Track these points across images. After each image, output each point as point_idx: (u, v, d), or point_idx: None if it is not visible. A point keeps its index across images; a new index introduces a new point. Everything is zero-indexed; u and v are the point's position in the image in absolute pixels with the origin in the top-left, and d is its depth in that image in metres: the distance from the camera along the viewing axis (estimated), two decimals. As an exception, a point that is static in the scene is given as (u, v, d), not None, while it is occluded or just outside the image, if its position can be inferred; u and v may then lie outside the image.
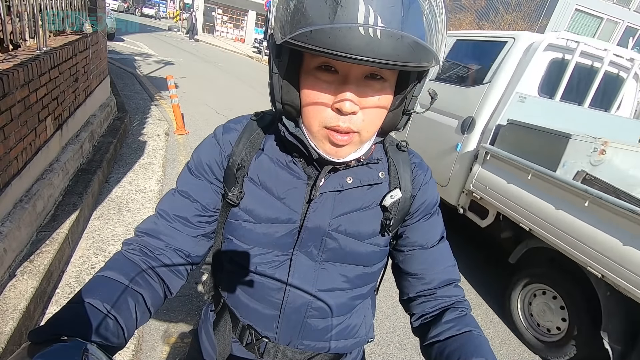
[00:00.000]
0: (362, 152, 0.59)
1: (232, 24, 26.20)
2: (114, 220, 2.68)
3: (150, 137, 4.47)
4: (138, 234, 0.65)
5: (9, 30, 2.22)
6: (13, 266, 1.80)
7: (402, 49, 0.43)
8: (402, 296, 0.74)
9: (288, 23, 0.46)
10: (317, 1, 0.43)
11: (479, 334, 0.62)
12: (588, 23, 17.62)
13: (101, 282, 0.54)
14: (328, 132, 0.54)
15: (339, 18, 0.42)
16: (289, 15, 0.46)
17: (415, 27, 0.44)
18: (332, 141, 0.54)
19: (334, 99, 0.51)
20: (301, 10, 0.44)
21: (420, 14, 0.45)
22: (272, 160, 0.64)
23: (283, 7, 0.47)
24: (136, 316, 0.54)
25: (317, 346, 0.71)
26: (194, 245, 0.67)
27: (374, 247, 0.67)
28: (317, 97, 0.52)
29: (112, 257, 0.61)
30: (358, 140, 0.55)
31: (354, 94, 0.50)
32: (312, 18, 0.43)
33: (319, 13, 0.43)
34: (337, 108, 0.51)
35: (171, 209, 0.66)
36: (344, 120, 0.52)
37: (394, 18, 0.42)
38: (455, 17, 20.57)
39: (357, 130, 0.53)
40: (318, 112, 0.53)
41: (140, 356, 1.76)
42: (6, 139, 1.83)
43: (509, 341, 2.49)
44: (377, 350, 2.16)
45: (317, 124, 0.54)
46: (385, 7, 0.42)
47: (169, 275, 0.63)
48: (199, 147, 0.69)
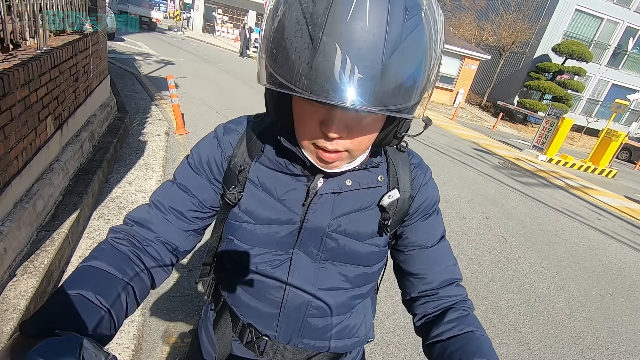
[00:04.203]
0: (355, 164, 0.60)
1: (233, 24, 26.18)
2: (114, 220, 2.68)
3: (150, 137, 4.47)
4: (128, 222, 0.65)
5: (9, 30, 2.22)
6: (13, 266, 1.80)
7: (380, 98, 0.44)
8: (405, 296, 0.74)
9: (270, 59, 0.47)
10: (296, 44, 0.43)
11: (481, 334, 0.62)
12: (588, 23, 17.61)
13: (91, 273, 0.54)
14: (317, 149, 0.55)
15: (315, 67, 0.42)
16: (271, 48, 0.46)
17: (395, 77, 0.44)
18: (320, 157, 0.55)
19: (321, 123, 0.51)
20: (281, 49, 0.45)
21: (405, 58, 0.44)
22: (271, 162, 0.64)
23: (267, 36, 0.48)
24: (126, 307, 0.54)
25: (317, 345, 0.71)
26: (184, 240, 0.67)
27: (373, 248, 0.67)
28: (305, 118, 0.53)
29: (99, 246, 0.60)
30: (347, 157, 0.56)
31: (339, 121, 0.50)
32: (291, 62, 0.44)
33: (297, 58, 0.43)
34: (323, 132, 0.51)
35: (167, 200, 0.66)
36: (331, 143, 0.52)
37: (372, 68, 0.42)
38: (456, 17, 20.58)
39: (345, 149, 0.54)
40: (307, 131, 0.54)
41: (140, 356, 1.76)
42: (6, 138, 1.83)
43: (508, 341, 2.49)
44: (377, 350, 2.16)
45: (307, 139, 0.55)
46: (365, 58, 0.42)
47: (155, 267, 0.63)
48: (199, 144, 0.69)
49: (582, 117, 18.55)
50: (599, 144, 10.58)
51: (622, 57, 18.50)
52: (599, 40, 17.91)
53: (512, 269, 3.47)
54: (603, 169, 10.46)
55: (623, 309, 3.27)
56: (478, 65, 17.83)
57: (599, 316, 3.05)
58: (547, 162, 10.03)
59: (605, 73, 18.68)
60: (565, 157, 10.41)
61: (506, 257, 3.68)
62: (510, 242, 4.07)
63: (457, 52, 16.88)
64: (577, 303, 3.17)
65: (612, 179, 10.33)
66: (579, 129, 17.70)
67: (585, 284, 3.56)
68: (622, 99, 11.02)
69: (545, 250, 4.09)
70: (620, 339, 2.82)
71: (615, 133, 10.17)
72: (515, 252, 3.83)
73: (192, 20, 23.32)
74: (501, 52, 17.94)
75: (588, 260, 4.13)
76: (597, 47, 17.84)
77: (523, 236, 4.32)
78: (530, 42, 17.59)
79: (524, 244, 4.10)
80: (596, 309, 3.16)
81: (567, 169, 10.06)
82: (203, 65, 11.54)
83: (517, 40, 17.07)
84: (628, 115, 19.13)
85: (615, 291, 3.56)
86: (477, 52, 17.39)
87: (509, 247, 3.92)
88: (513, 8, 17.29)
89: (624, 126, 17.93)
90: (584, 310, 3.09)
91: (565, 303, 3.12)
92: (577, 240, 4.65)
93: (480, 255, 3.54)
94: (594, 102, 19.45)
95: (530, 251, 3.96)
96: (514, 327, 2.64)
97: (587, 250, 4.40)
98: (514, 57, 18.80)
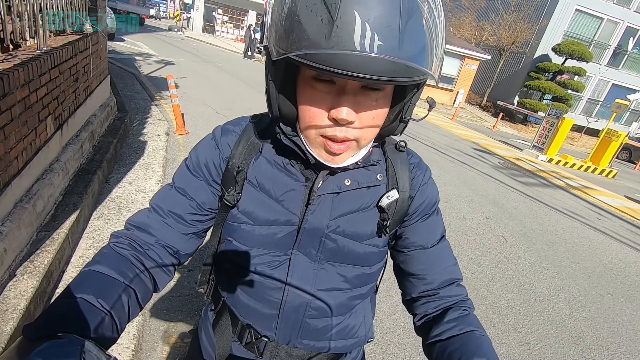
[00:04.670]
0: (359, 157, 0.59)
1: (233, 24, 26.16)
2: (114, 220, 2.68)
3: (150, 137, 4.47)
4: (129, 227, 0.65)
5: (9, 30, 2.22)
6: (13, 266, 1.80)
7: (398, 67, 0.44)
8: (405, 297, 0.74)
9: (283, 39, 0.45)
10: (312, 19, 0.43)
11: (481, 333, 0.62)
12: (588, 23, 17.61)
13: (93, 277, 0.54)
14: (324, 140, 0.54)
15: (335, 39, 0.41)
16: (284, 31, 0.45)
17: (412, 45, 0.44)
18: (328, 149, 0.55)
19: (331, 109, 0.51)
20: (297, 27, 0.44)
21: (418, 27, 0.44)
22: (270, 162, 0.64)
23: (277, 20, 0.47)
24: (129, 311, 0.55)
25: (317, 346, 0.71)
26: (184, 243, 0.67)
27: (373, 248, 0.67)
28: (313, 107, 0.52)
29: (100, 251, 0.60)
30: (355, 147, 0.56)
31: (350, 104, 0.50)
32: (308, 38, 0.43)
33: (315, 32, 0.42)
34: (334, 118, 0.51)
35: (166, 204, 0.66)
36: (341, 130, 0.52)
37: (391, 36, 0.42)
38: (456, 17, 20.57)
39: (354, 138, 0.54)
40: (315, 121, 0.53)
41: (140, 356, 1.76)
42: (6, 138, 1.83)
43: (509, 341, 2.49)
44: (377, 351, 2.15)
45: (313, 132, 0.54)
46: (383, 25, 0.42)
47: (157, 271, 0.64)
48: (197, 146, 0.69)
49: (582, 117, 18.55)
50: (599, 144, 10.58)
51: (622, 57, 18.50)
52: (599, 40, 17.91)
53: (512, 269, 3.47)
54: (603, 169, 10.46)
55: (623, 309, 3.27)
56: (478, 65, 17.82)
57: (599, 316, 3.05)
58: (547, 162, 10.03)
59: (605, 73, 18.68)
60: (565, 157, 10.41)
61: (506, 257, 3.68)
62: (510, 242, 4.07)
63: (457, 52, 16.87)
64: (577, 303, 3.17)
65: (612, 179, 10.33)
66: (579, 129, 17.69)
67: (586, 284, 3.56)
68: (622, 99, 11.01)
69: (545, 250, 4.09)
70: (621, 339, 2.81)
71: (616, 133, 10.16)
72: (515, 252, 3.83)
73: (192, 21, 23.43)
74: (501, 52, 17.94)
75: (588, 260, 4.13)
76: (597, 47, 17.83)
77: (523, 236, 4.32)
78: (530, 42, 17.58)
79: (524, 244, 4.10)
80: (596, 309, 3.16)
81: (567, 169, 10.06)
82: (203, 65, 11.54)
83: (517, 40, 17.07)
84: (628, 115, 19.13)
85: (616, 291, 3.56)
86: (477, 52, 17.39)
87: (509, 247, 3.92)
88: (513, 8, 17.28)
89: (624, 126, 17.92)
90: (584, 310, 3.09)
91: (565, 303, 3.12)
92: (577, 240, 4.65)
93: (480, 255, 3.54)
94: (594, 102, 19.44)
95: (530, 251, 3.96)
96: (514, 327, 2.64)
97: (587, 250, 4.40)
98: (514, 57, 18.80)
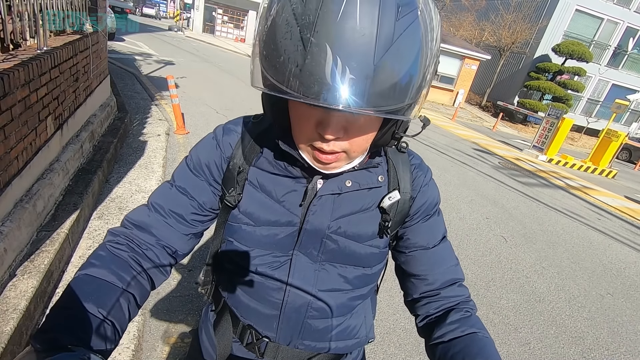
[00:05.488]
0: (353, 164, 0.59)
1: (233, 24, 26.16)
2: (114, 220, 2.68)
3: (150, 137, 4.47)
4: (127, 225, 0.64)
5: (9, 30, 2.22)
6: (13, 266, 1.80)
7: (373, 99, 0.43)
8: (407, 297, 0.74)
9: (262, 66, 0.46)
10: (288, 45, 0.42)
11: (483, 335, 0.62)
12: (588, 23, 17.61)
13: (91, 283, 0.54)
14: (314, 151, 0.54)
15: (309, 67, 0.41)
16: (263, 56, 0.46)
17: (387, 78, 0.43)
18: (317, 159, 0.55)
19: (318, 125, 0.51)
20: (272, 55, 0.44)
21: (398, 59, 0.43)
22: (271, 163, 0.64)
23: (259, 42, 0.47)
24: (128, 315, 0.55)
25: (318, 346, 0.71)
26: (184, 243, 0.67)
27: (374, 249, 0.67)
28: (301, 120, 0.52)
29: (97, 252, 0.59)
30: (345, 157, 0.55)
31: (336, 121, 0.49)
32: (282, 68, 0.43)
33: (289, 59, 0.42)
34: (319, 133, 0.51)
35: (167, 203, 0.65)
36: (329, 144, 0.52)
37: (364, 69, 0.41)
38: (456, 17, 20.57)
39: (342, 150, 0.53)
40: (304, 131, 0.53)
41: (140, 356, 1.76)
42: (7, 138, 1.82)
43: (509, 341, 2.49)
44: (377, 351, 2.15)
45: (304, 141, 0.54)
46: (355, 58, 0.41)
47: (154, 271, 0.63)
48: (198, 145, 0.69)
49: (582, 117, 18.55)
50: (599, 144, 10.58)
51: (622, 57, 18.50)
52: (599, 41, 17.90)
53: (512, 269, 3.47)
54: (603, 169, 10.46)
55: (623, 309, 3.27)
56: (478, 66, 17.82)
57: (599, 316, 3.05)
58: (547, 162, 10.03)
59: (605, 73, 18.68)
60: (565, 157, 10.41)
61: (506, 257, 3.68)
62: (510, 242, 4.07)
63: (457, 52, 16.87)
64: (577, 303, 3.17)
65: (612, 179, 10.33)
66: (579, 129, 17.69)
67: (586, 284, 3.56)
68: (622, 99, 11.01)
69: (545, 250, 4.09)
70: (621, 339, 2.81)
71: (615, 133, 10.16)
72: (515, 252, 3.83)
73: (192, 21, 23.47)
74: (501, 52, 17.94)
75: (588, 260, 4.13)
76: (597, 47, 17.83)
77: (523, 236, 4.32)
78: (530, 42, 17.58)
79: (524, 244, 4.10)
80: (596, 309, 3.16)
81: (567, 169, 10.06)
82: (203, 65, 11.54)
83: (517, 41, 17.07)
84: (628, 115, 19.13)
85: (616, 291, 3.56)
86: (477, 52, 17.39)
87: (509, 247, 3.92)
88: (513, 8, 17.28)
89: (624, 126, 17.93)
90: (584, 310, 3.09)
91: (565, 303, 3.12)
92: (577, 241, 4.65)
93: (480, 256, 3.54)
94: (594, 102, 19.44)
95: (530, 251, 3.96)
96: (514, 328, 2.64)
97: (587, 250, 4.40)
98: (514, 57, 18.80)
